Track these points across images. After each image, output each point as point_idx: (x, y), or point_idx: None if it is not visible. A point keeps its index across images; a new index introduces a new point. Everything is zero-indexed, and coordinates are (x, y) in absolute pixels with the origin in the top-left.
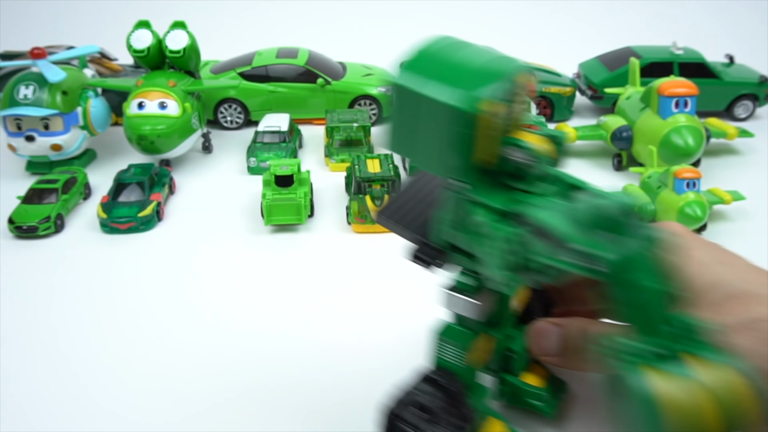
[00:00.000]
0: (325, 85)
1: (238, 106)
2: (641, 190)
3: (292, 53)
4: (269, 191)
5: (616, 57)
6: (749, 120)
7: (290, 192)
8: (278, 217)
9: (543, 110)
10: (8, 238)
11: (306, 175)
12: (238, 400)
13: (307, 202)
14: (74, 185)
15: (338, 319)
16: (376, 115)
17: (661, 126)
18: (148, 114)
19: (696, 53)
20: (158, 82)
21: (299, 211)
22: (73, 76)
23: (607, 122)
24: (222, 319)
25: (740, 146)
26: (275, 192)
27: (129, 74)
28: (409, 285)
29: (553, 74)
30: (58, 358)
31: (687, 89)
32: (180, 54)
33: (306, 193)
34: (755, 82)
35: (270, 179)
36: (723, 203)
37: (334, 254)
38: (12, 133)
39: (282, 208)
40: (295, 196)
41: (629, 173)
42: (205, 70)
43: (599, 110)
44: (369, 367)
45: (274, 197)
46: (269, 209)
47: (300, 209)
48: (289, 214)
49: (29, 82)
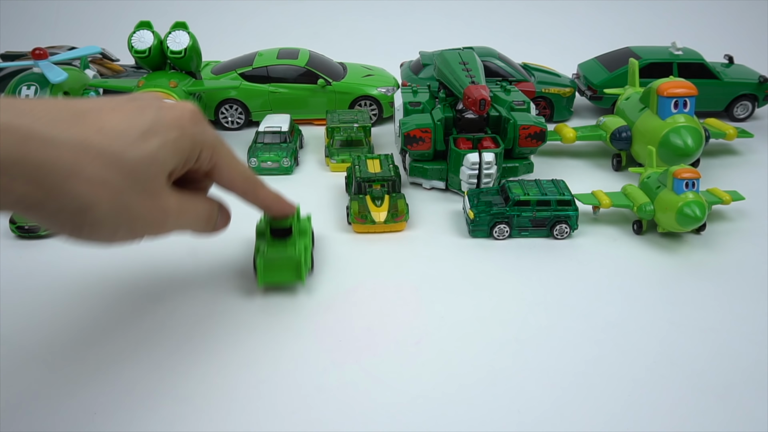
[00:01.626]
0: (326, 85)
1: (239, 106)
2: (640, 191)
3: (293, 54)
4: (264, 245)
5: (616, 57)
6: (748, 120)
7: (288, 246)
8: (274, 275)
9: (542, 111)
10: (10, 239)
11: (306, 223)
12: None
13: (308, 257)
14: None
15: (338, 319)
16: (376, 116)
17: (661, 126)
18: None
19: (695, 54)
20: (159, 82)
21: (298, 268)
22: (74, 77)
23: (607, 123)
24: (218, 316)
25: (739, 146)
26: (271, 246)
27: (130, 75)
28: (408, 285)
29: (552, 75)
30: (58, 358)
31: (686, 90)
32: (181, 55)
33: (307, 246)
34: (754, 82)
35: (265, 230)
36: (722, 203)
37: (334, 254)
38: None
39: (278, 266)
40: (294, 251)
41: (628, 173)
42: (206, 70)
43: (598, 111)
44: (359, 365)
45: (270, 253)
46: (264, 267)
47: (299, 267)
48: (286, 272)
49: (31, 83)
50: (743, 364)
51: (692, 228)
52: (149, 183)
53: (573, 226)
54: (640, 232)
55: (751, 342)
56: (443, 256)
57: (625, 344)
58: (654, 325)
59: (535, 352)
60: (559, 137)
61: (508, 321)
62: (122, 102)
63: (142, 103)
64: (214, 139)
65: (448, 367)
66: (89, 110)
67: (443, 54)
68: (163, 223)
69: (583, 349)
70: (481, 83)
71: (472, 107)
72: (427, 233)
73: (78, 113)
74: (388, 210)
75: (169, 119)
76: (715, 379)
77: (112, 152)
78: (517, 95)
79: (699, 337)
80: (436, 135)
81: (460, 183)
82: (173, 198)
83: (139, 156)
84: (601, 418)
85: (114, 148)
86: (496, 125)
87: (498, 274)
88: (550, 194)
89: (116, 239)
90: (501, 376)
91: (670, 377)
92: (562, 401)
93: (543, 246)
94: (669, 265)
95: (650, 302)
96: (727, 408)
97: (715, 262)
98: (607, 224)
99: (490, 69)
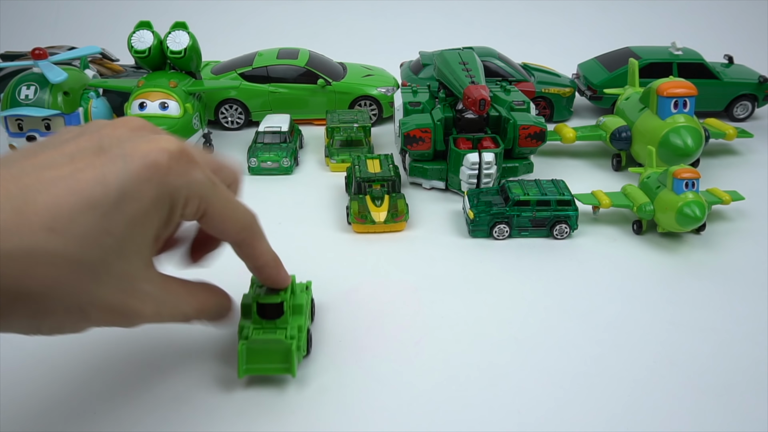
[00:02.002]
0: (326, 85)
1: (238, 106)
2: (640, 191)
3: (293, 54)
4: (249, 325)
5: (615, 57)
6: (748, 120)
7: (278, 327)
8: (258, 366)
9: (542, 111)
10: None
11: (304, 295)
12: None
13: (303, 341)
14: None
15: (338, 319)
16: (376, 116)
17: (660, 126)
18: (150, 114)
19: (695, 54)
20: (159, 82)
21: (288, 357)
22: (74, 77)
23: (606, 123)
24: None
25: (739, 147)
26: (257, 327)
27: (130, 75)
28: (408, 285)
29: (552, 75)
30: (59, 357)
31: (686, 90)
32: (181, 55)
33: (301, 327)
34: (754, 82)
35: (251, 306)
36: (722, 203)
37: (334, 254)
38: (13, 134)
39: (264, 352)
40: (284, 334)
41: (628, 173)
42: (206, 70)
43: (598, 111)
44: (366, 359)
45: (255, 336)
46: (246, 354)
47: (289, 355)
48: (273, 362)
49: (30, 83)
50: (743, 364)
51: (692, 228)
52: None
53: (573, 226)
54: (640, 232)
55: (751, 342)
56: (443, 256)
57: (625, 344)
58: (654, 325)
59: (535, 351)
60: (559, 137)
61: (508, 321)
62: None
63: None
64: (202, 184)
65: (448, 367)
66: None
67: (443, 54)
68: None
69: (583, 349)
70: (481, 83)
71: (472, 107)
72: (427, 233)
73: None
74: (388, 210)
75: (141, 171)
76: (715, 379)
77: (70, 257)
78: (517, 95)
79: (699, 337)
80: (436, 135)
81: (460, 183)
82: (153, 285)
83: (109, 246)
84: (601, 418)
85: (71, 250)
86: (496, 125)
87: (498, 274)
88: (550, 194)
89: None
90: (501, 376)
91: (670, 377)
92: (562, 401)
93: (543, 246)
94: (669, 265)
95: (650, 302)
96: (727, 408)
97: (715, 262)
98: (607, 224)
99: (490, 69)
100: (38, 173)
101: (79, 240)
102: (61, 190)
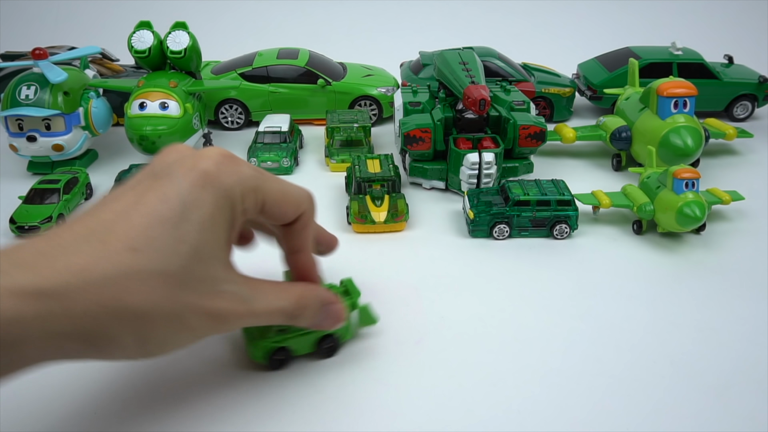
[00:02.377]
0: (326, 85)
1: (238, 106)
2: (640, 191)
3: (293, 54)
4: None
5: (615, 57)
6: (748, 120)
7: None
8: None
9: (542, 111)
10: (10, 238)
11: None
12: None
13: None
14: (76, 185)
15: None
16: (376, 116)
17: (660, 126)
18: (150, 114)
19: (695, 54)
20: (159, 82)
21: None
22: (74, 77)
23: (607, 123)
24: None
25: (739, 147)
26: None
27: (130, 75)
28: (408, 285)
29: (552, 75)
30: None
31: (686, 90)
32: (181, 55)
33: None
34: (754, 82)
35: None
36: (722, 203)
37: (334, 254)
38: (13, 134)
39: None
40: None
41: (628, 173)
42: (206, 70)
43: (598, 111)
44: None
45: None
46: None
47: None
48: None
49: (31, 83)
50: (743, 364)
51: (692, 228)
52: (205, 280)
53: (573, 226)
54: (640, 232)
55: (751, 342)
56: (443, 256)
57: (625, 344)
58: (654, 325)
59: (535, 351)
60: (559, 137)
61: (508, 321)
62: (139, 193)
63: (158, 177)
64: (251, 177)
65: (448, 367)
66: (106, 226)
67: (443, 54)
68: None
69: (583, 348)
70: (481, 83)
71: (472, 107)
72: (427, 233)
73: (95, 237)
74: (388, 210)
75: (195, 182)
76: (715, 379)
77: (156, 270)
78: (517, 95)
79: (699, 337)
80: (436, 135)
81: (460, 183)
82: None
83: (186, 253)
84: (601, 418)
85: (156, 264)
86: (496, 125)
87: (498, 274)
88: (550, 194)
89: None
90: (501, 376)
91: (670, 377)
92: (562, 401)
93: (543, 246)
94: (669, 265)
95: (650, 302)
96: (727, 408)
97: (715, 262)
98: (607, 224)
99: (490, 69)
100: (109, 207)
101: (159, 253)
102: (132, 215)
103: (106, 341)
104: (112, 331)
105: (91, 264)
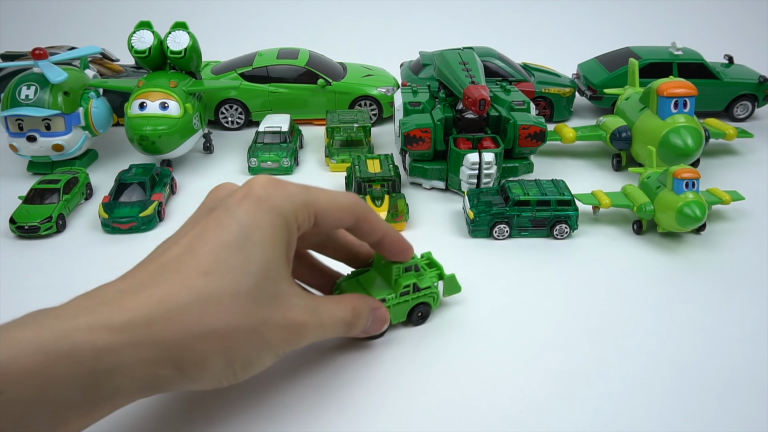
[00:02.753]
0: (326, 85)
1: (239, 106)
2: (640, 191)
3: (293, 54)
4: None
5: (615, 57)
6: (748, 120)
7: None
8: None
9: (542, 111)
10: (10, 238)
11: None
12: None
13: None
14: (76, 185)
15: None
16: (376, 116)
17: (660, 126)
18: (150, 114)
19: (695, 54)
20: (159, 82)
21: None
22: (74, 77)
23: (606, 123)
24: None
25: (739, 147)
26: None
27: (130, 75)
28: None
29: (552, 75)
30: None
31: (686, 90)
32: (181, 55)
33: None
34: (754, 82)
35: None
36: (722, 203)
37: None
38: (13, 134)
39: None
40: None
41: (628, 173)
42: (206, 70)
43: (598, 111)
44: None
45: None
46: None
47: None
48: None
49: (31, 83)
50: (743, 364)
51: (692, 228)
52: (276, 295)
53: (573, 226)
54: (640, 232)
55: (751, 342)
56: (443, 256)
57: (625, 344)
58: (654, 325)
59: (534, 351)
60: (559, 137)
61: (508, 321)
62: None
63: (214, 211)
64: (298, 194)
65: (448, 367)
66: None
67: (443, 54)
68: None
69: (583, 348)
70: (481, 83)
71: (472, 107)
72: (427, 233)
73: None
74: (388, 210)
75: (249, 208)
76: (715, 379)
77: (230, 290)
78: (517, 95)
79: (699, 337)
80: (436, 135)
81: (460, 183)
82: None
83: (255, 272)
84: (601, 418)
85: (229, 285)
86: (496, 125)
87: (498, 274)
88: (550, 194)
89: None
90: (500, 376)
91: (670, 377)
92: (562, 401)
93: (543, 246)
94: (669, 265)
95: (650, 302)
96: (727, 408)
97: (715, 262)
98: (607, 224)
99: (490, 69)
100: (175, 244)
101: (230, 274)
102: (197, 246)
103: (195, 366)
104: (199, 353)
105: (171, 293)
